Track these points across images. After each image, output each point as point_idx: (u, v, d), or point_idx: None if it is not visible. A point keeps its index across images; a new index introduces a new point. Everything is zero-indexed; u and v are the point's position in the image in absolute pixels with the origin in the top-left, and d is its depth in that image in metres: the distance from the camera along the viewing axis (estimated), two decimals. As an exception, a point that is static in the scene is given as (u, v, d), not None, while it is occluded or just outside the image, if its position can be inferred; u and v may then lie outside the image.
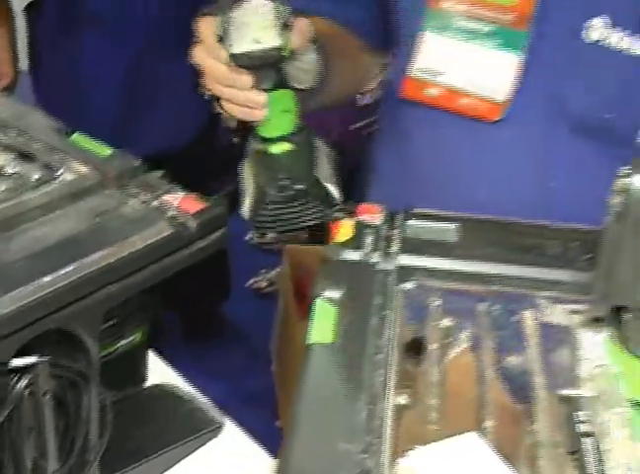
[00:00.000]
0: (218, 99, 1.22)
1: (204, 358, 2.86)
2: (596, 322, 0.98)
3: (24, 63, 2.58)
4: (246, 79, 1.15)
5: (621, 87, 1.26)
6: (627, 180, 0.86)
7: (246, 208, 1.26)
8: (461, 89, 1.29)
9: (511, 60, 1.27)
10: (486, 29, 1.27)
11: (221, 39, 1.15)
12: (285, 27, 1.14)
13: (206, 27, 1.16)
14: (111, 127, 2.34)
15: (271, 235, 1.25)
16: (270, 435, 1.22)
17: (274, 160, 1.24)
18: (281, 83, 1.20)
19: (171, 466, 1.22)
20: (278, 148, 1.23)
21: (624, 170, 0.87)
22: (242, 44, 1.14)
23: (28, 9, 2.49)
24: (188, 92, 2.42)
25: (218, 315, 3.05)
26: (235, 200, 1.24)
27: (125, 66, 2.37)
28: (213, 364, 2.86)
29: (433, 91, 1.30)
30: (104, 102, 2.41)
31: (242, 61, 1.15)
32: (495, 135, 1.30)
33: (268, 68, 1.17)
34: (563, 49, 1.25)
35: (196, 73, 1.23)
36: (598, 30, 1.23)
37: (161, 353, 1.39)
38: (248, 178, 1.27)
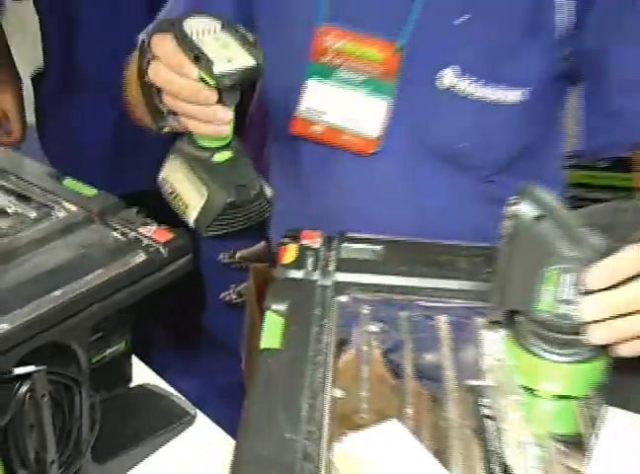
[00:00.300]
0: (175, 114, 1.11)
1: (183, 361, 2.86)
2: (495, 324, 0.98)
3: (31, 118, 2.58)
4: (212, 95, 1.04)
5: (472, 122, 1.27)
6: (515, 207, 0.86)
7: (194, 216, 1.12)
8: (341, 127, 1.30)
9: (380, 104, 1.28)
10: (360, 79, 1.28)
11: (197, 59, 1.02)
12: (254, 44, 1.05)
13: (165, 44, 1.04)
14: (100, 172, 2.36)
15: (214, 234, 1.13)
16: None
17: (221, 167, 1.12)
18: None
19: (152, 452, 1.22)
20: (221, 156, 1.12)
21: (514, 198, 0.87)
22: (222, 65, 1.02)
23: (34, 79, 2.49)
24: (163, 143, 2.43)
25: (196, 324, 3.05)
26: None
27: (114, 123, 2.37)
28: (191, 365, 2.85)
29: (318, 128, 1.30)
30: (96, 152, 2.42)
31: (224, 81, 1.03)
32: (374, 165, 1.31)
33: (240, 86, 1.06)
34: (422, 95, 1.26)
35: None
36: (449, 78, 1.24)
37: (145, 357, 1.38)
38: (188, 188, 1.13)
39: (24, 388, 0.98)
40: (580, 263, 0.84)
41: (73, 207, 1.22)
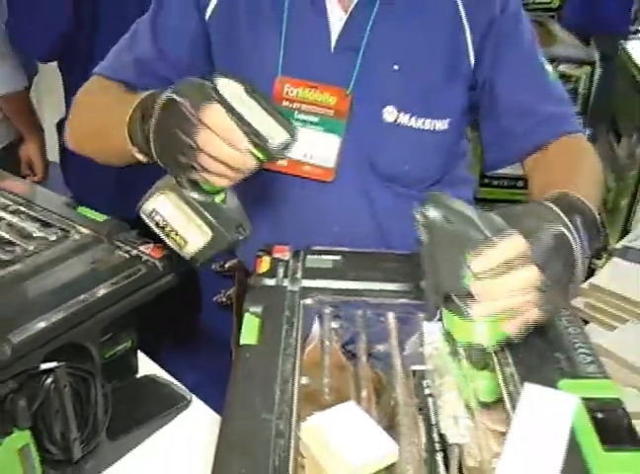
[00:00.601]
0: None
1: (183, 353, 2.85)
2: (434, 311, 0.97)
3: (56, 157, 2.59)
4: (256, 165, 0.94)
5: (411, 149, 1.27)
6: (426, 213, 0.88)
7: (192, 252, 1.01)
8: (302, 160, 1.29)
9: (334, 140, 1.27)
10: (315, 119, 1.27)
11: (250, 134, 0.90)
12: (280, 113, 0.94)
13: (217, 116, 0.90)
14: (112, 200, 2.35)
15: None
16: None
17: (221, 207, 1.01)
18: None
19: (156, 431, 1.21)
20: (220, 197, 1.01)
21: (422, 207, 0.88)
22: (270, 141, 0.91)
23: (58, 125, 2.49)
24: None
25: (193, 322, 3.05)
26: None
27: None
28: (189, 357, 2.84)
29: (283, 162, 1.28)
30: (108, 184, 2.40)
31: (272, 158, 0.93)
32: (333, 190, 1.29)
33: None
34: (370, 129, 1.26)
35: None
36: (392, 115, 1.25)
37: (150, 351, 1.37)
38: (187, 225, 1.00)
39: (49, 380, 0.99)
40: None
41: (86, 231, 1.21)
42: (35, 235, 1.21)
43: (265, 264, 1.09)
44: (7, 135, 2.48)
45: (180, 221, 1.01)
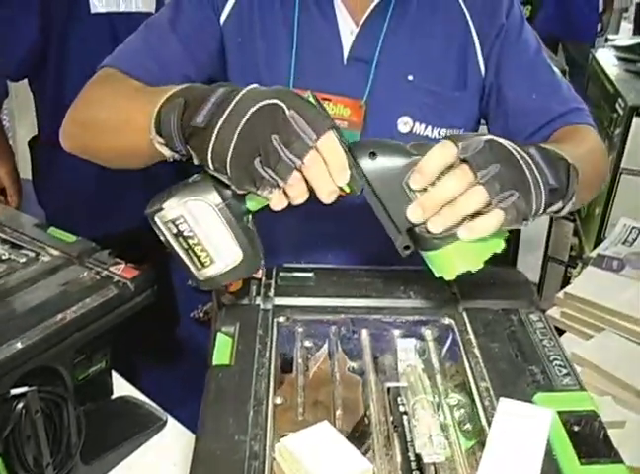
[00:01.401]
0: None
1: (160, 370, 2.83)
2: (407, 249, 0.93)
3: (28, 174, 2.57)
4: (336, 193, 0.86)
5: None
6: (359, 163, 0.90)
7: (215, 272, 0.90)
8: None
9: None
10: None
11: (355, 167, 0.86)
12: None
13: (335, 146, 0.84)
14: (85, 217, 2.35)
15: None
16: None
17: (251, 231, 0.92)
18: None
19: (132, 452, 1.21)
20: (249, 218, 0.92)
21: None
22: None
23: (30, 142, 2.48)
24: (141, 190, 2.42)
25: (171, 338, 3.03)
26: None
27: (95, 178, 2.35)
28: (167, 373, 2.83)
29: None
30: (81, 201, 2.38)
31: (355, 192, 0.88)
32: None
33: None
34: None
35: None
36: (407, 124, 1.26)
37: (125, 369, 1.35)
38: (216, 240, 0.89)
39: (20, 405, 0.98)
40: None
41: (56, 252, 1.20)
42: (4, 257, 1.20)
43: (236, 283, 1.08)
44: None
45: (210, 234, 0.89)
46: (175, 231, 0.89)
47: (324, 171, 0.84)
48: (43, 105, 2.33)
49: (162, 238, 0.91)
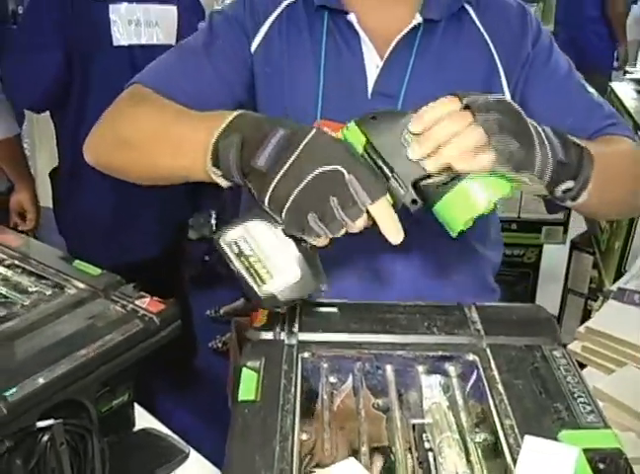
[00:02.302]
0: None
1: (179, 399, 2.84)
2: (414, 203, 0.95)
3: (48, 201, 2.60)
4: None
5: None
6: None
7: (273, 289, 0.93)
8: None
9: None
10: None
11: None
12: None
13: (386, 211, 0.88)
14: (103, 245, 2.38)
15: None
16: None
17: (312, 254, 0.94)
18: None
19: (153, 486, 1.20)
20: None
21: None
22: None
23: (51, 173, 2.52)
24: (158, 219, 2.44)
25: (189, 367, 3.04)
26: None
27: (114, 203, 2.38)
28: (185, 403, 2.83)
29: None
30: (99, 229, 2.40)
31: None
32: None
33: None
34: None
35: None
36: None
37: (144, 399, 1.36)
38: (275, 259, 0.92)
39: (45, 438, 0.98)
40: None
41: (81, 285, 1.21)
42: (30, 290, 1.21)
43: (262, 316, 1.09)
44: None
45: (270, 252, 0.93)
46: (237, 251, 0.93)
47: (365, 225, 0.89)
48: (64, 136, 2.37)
49: (227, 260, 0.95)
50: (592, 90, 1.31)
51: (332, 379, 1.02)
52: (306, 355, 1.03)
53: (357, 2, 1.28)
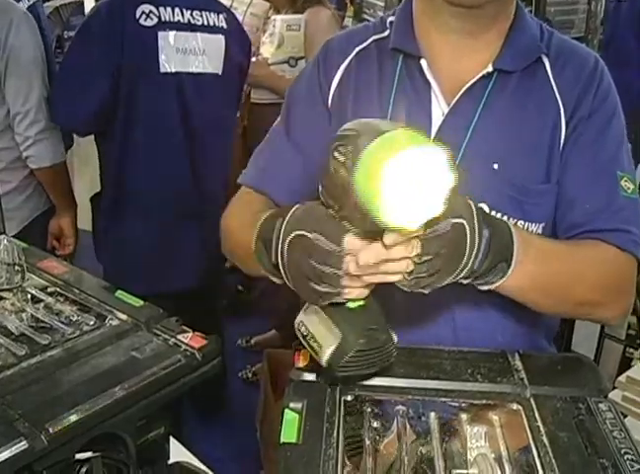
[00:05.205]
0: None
1: (209, 429, 2.84)
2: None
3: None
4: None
5: None
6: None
7: (327, 356, 0.96)
8: None
9: None
10: None
11: None
12: None
13: (358, 243, 0.91)
14: (145, 277, 2.39)
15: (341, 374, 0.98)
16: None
17: (354, 313, 0.97)
18: None
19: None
20: (354, 303, 0.97)
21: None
22: None
23: (92, 199, 2.54)
24: (197, 251, 2.45)
25: (219, 397, 3.03)
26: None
27: (155, 233, 2.40)
28: (216, 433, 2.83)
29: None
30: (142, 258, 2.44)
31: None
32: None
33: None
34: None
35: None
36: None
37: (180, 435, 1.36)
38: (322, 330, 0.98)
39: (83, 470, 0.99)
40: None
41: (123, 316, 1.22)
42: (73, 319, 1.22)
43: (304, 357, 1.08)
44: (37, 207, 2.51)
45: (317, 327, 1.00)
46: (300, 333, 1.02)
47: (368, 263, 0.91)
48: (109, 166, 2.38)
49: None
50: (627, 185, 1.22)
51: (375, 424, 1.01)
52: (349, 397, 1.03)
53: (431, 47, 1.25)
